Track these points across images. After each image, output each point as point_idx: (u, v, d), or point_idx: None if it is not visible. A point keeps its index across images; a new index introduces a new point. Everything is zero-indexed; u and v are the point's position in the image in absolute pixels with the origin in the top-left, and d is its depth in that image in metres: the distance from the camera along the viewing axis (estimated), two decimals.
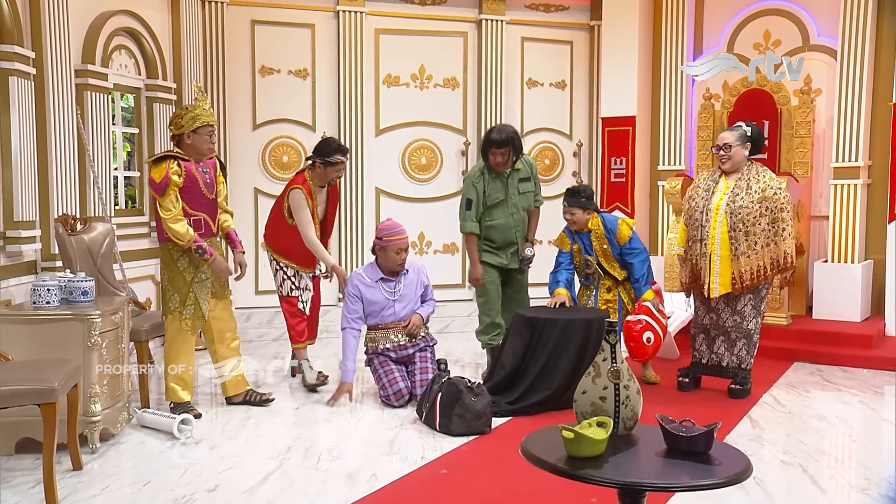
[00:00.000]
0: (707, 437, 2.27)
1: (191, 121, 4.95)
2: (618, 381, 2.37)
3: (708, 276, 5.32)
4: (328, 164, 5.68)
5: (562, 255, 5.80)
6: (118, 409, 4.62)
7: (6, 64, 5.25)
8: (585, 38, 8.62)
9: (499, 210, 5.80)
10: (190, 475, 4.03)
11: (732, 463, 2.21)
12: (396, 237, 5.37)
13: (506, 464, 4.19)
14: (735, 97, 7.53)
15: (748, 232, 5.20)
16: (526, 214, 5.91)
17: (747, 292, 5.28)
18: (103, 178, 6.20)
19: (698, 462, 2.21)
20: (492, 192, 5.77)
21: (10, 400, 3.59)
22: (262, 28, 7.80)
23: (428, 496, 3.76)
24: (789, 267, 5.22)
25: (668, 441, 2.30)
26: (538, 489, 3.81)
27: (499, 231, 5.80)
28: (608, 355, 2.39)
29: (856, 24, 7.05)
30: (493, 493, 3.79)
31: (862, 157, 7.08)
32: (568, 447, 2.20)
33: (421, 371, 5.36)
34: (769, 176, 5.27)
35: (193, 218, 4.93)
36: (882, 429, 4.97)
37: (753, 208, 5.19)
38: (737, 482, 2.15)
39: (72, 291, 4.49)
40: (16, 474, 4.01)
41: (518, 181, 5.83)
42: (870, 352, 6.42)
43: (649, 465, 2.23)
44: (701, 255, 5.36)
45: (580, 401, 2.43)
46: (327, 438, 4.68)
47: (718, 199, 5.32)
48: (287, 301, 5.82)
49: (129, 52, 6.74)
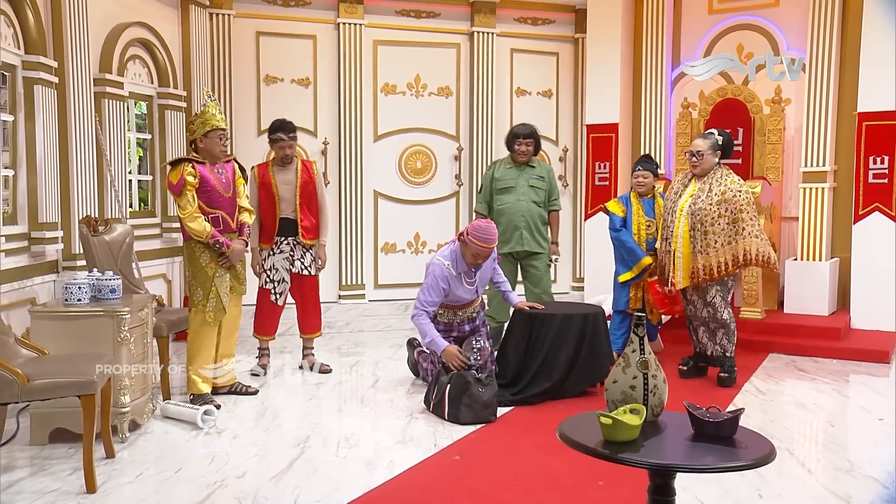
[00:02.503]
0: (732, 422, 2.33)
1: (201, 125, 4.99)
2: (646, 371, 2.42)
3: (671, 271, 5.45)
4: (272, 141, 5.81)
5: (617, 219, 5.97)
6: (144, 401, 4.62)
7: (31, 73, 5.23)
8: (570, 49, 8.70)
9: (507, 195, 6.23)
10: (217, 463, 4.04)
11: (757, 446, 2.27)
12: (480, 243, 4.99)
13: (514, 450, 4.25)
14: (711, 106, 7.64)
15: (706, 231, 5.31)
16: (534, 206, 6.17)
17: (714, 284, 5.38)
18: (120, 181, 6.18)
19: (725, 446, 2.27)
20: (503, 177, 6.26)
21: (53, 392, 3.60)
22: (266, 39, 7.81)
23: (445, 481, 3.80)
24: (750, 263, 5.30)
25: (696, 426, 2.35)
26: (547, 473, 3.88)
27: (505, 215, 6.18)
28: (637, 346, 2.44)
29: (822, 38, 7.18)
30: (506, 477, 3.84)
31: (829, 162, 7.20)
32: (605, 432, 2.25)
33: (481, 352, 5.31)
34: (731, 179, 5.37)
35: (211, 215, 4.97)
36: (857, 414, 5.08)
37: (711, 210, 5.29)
38: (763, 464, 2.21)
39: (100, 289, 4.48)
40: (52, 462, 4.01)
41: (531, 176, 6.21)
42: (838, 343, 6.53)
43: (681, 449, 2.28)
44: (666, 252, 5.51)
45: (611, 389, 2.48)
46: (342, 428, 4.70)
47: (683, 201, 5.44)
48: (261, 292, 5.89)
49: (143, 62, 6.72)
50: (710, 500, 3.52)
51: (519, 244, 6.14)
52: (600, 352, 5.28)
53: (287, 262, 5.84)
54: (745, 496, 3.58)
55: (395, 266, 8.28)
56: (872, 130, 6.93)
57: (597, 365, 5.25)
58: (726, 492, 3.60)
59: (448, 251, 5.21)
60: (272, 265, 5.83)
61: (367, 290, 8.13)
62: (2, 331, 3.82)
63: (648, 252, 5.87)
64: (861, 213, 6.99)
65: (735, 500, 3.54)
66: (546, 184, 6.22)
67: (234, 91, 7.61)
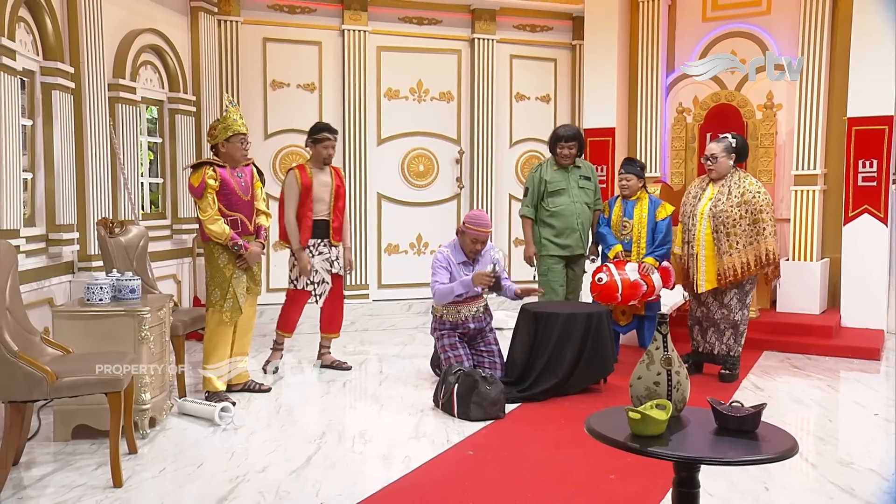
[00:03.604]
0: (755, 417, 2.37)
1: (223, 131, 4.99)
2: (670, 368, 2.46)
3: (696, 274, 5.46)
4: (317, 141, 5.80)
5: (601, 218, 6.14)
6: (163, 398, 4.64)
7: (49, 79, 5.24)
8: (568, 56, 8.75)
9: (561, 197, 6.05)
10: (238, 458, 4.06)
11: (780, 440, 2.31)
12: (475, 227, 5.23)
13: (524, 445, 4.28)
14: (705, 111, 7.70)
15: (729, 233, 5.34)
16: (586, 207, 6.09)
17: (732, 287, 5.42)
18: (133, 184, 6.18)
19: (749, 439, 2.31)
20: (553, 179, 6.06)
21: (80, 389, 3.61)
22: (273, 45, 7.83)
23: (461, 475, 3.83)
24: (771, 262, 5.36)
25: (719, 421, 2.39)
26: (559, 467, 3.91)
27: (561, 217, 6.02)
28: (661, 344, 2.48)
29: (812, 45, 7.26)
30: (519, 470, 3.87)
31: (819, 165, 7.28)
32: (633, 427, 2.28)
33: (489, 354, 5.40)
34: (749, 181, 5.41)
35: (230, 218, 4.99)
36: (852, 410, 5.13)
37: (733, 212, 5.33)
38: (787, 457, 2.25)
39: (120, 289, 4.50)
40: (76, 458, 4.02)
41: (579, 177, 6.09)
42: (830, 341, 6.59)
43: (706, 443, 2.32)
44: (689, 256, 5.52)
45: (635, 385, 2.51)
46: (356, 424, 4.72)
47: (703, 205, 5.46)
48: (298, 293, 5.85)
49: (154, 68, 6.73)
50: (718, 492, 3.56)
51: (578, 246, 6.04)
52: (603, 350, 5.31)
53: (327, 262, 5.85)
54: (752, 488, 3.63)
55: (398, 266, 8.30)
56: (862, 135, 7.00)
57: (600, 362, 5.30)
58: (732, 484, 3.64)
59: (449, 243, 5.49)
60: (312, 266, 5.81)
61: (370, 290, 8.15)
62: (28, 330, 3.82)
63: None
64: (851, 215, 7.06)
65: (742, 492, 3.58)
66: (592, 184, 6.16)
67: (242, 96, 7.61)
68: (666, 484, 3.59)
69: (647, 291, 5.72)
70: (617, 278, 5.68)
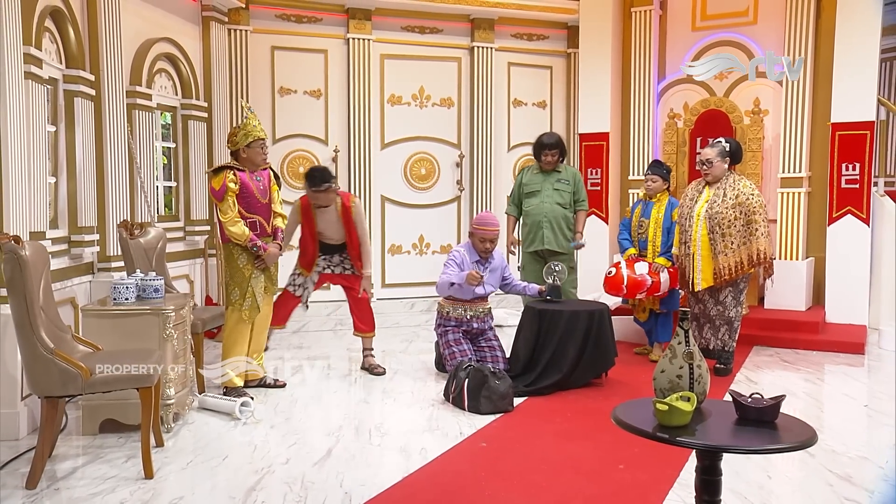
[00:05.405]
0: (775, 408, 2.41)
1: (244, 137, 5.00)
2: (692, 362, 2.50)
3: (692, 273, 5.51)
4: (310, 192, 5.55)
5: (624, 220, 6.31)
6: (185, 394, 4.64)
7: (72, 86, 5.23)
8: (563, 63, 8.80)
9: (534, 199, 6.30)
10: (261, 451, 4.08)
11: (799, 430, 2.35)
12: (482, 227, 5.43)
13: (535, 437, 4.32)
14: (696, 116, 7.75)
15: (724, 234, 5.39)
16: (557, 207, 6.23)
17: (727, 285, 5.48)
18: (149, 187, 6.17)
19: (770, 430, 2.35)
20: (530, 183, 6.35)
21: (113, 384, 3.62)
22: (281, 53, 7.84)
23: (478, 466, 3.86)
24: (763, 261, 5.42)
25: (740, 412, 2.43)
26: (571, 457, 3.95)
27: (530, 216, 6.30)
28: (683, 339, 2.51)
29: (797, 53, 7.31)
30: (532, 462, 3.90)
31: (804, 168, 7.35)
32: (660, 417, 2.31)
33: (490, 349, 5.47)
34: (743, 184, 5.46)
35: (249, 220, 4.99)
36: (842, 401, 5.19)
37: (728, 213, 5.38)
38: (807, 446, 2.29)
39: (145, 289, 4.51)
40: (106, 451, 4.03)
41: (556, 180, 6.26)
42: (816, 336, 6.67)
43: (729, 432, 2.36)
44: (685, 256, 5.56)
45: (659, 378, 2.55)
46: (371, 417, 4.75)
47: (700, 207, 5.51)
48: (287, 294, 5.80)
49: (168, 75, 6.72)
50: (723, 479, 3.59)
51: (541, 243, 6.20)
52: (605, 345, 5.36)
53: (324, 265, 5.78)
54: (755, 476, 3.68)
55: (401, 266, 8.33)
56: (845, 139, 7.07)
57: (602, 357, 5.35)
58: (736, 472, 3.68)
59: (464, 244, 5.67)
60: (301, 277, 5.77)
61: (375, 289, 8.16)
62: (60, 328, 3.82)
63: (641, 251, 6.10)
64: (835, 216, 7.13)
65: (746, 480, 3.62)
66: (571, 187, 6.26)
67: (251, 101, 7.57)
68: (674, 473, 3.67)
69: (653, 287, 5.80)
70: (623, 273, 5.82)
